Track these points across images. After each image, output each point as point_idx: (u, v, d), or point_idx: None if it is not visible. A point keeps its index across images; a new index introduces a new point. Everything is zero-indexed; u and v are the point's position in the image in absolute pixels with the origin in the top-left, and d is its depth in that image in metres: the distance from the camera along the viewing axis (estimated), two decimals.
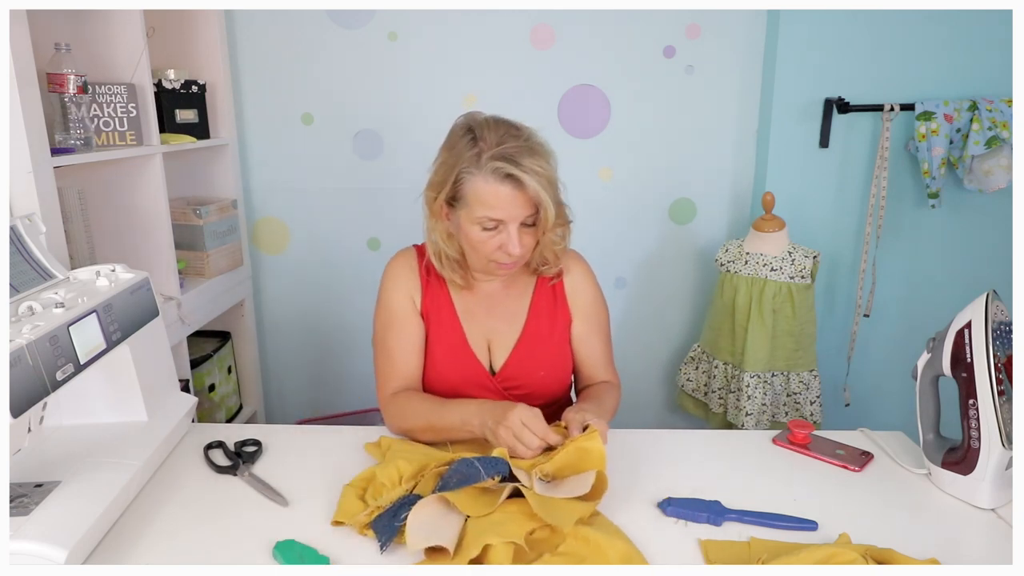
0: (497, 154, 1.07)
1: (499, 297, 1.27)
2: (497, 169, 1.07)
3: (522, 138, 1.11)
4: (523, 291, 1.28)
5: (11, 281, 0.98)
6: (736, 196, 2.12)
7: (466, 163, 1.10)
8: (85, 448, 1.00)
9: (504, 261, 1.15)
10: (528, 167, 1.07)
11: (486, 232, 1.12)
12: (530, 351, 1.24)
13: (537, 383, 1.24)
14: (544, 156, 1.11)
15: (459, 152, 1.11)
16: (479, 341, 1.24)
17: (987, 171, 1.83)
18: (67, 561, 0.79)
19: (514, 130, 1.12)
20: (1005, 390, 0.92)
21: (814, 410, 1.91)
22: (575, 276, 1.29)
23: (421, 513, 0.86)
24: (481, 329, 1.25)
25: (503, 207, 1.09)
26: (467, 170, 1.10)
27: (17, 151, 1.17)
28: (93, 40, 1.53)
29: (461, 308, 1.25)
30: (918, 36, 1.88)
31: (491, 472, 0.91)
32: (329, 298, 2.21)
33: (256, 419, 2.19)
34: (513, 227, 1.11)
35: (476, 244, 1.14)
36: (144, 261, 1.59)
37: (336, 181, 2.10)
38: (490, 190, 1.08)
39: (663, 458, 1.09)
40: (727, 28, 1.97)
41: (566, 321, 1.28)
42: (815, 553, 0.81)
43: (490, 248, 1.14)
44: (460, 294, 1.26)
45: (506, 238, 1.12)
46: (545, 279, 1.28)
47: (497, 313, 1.26)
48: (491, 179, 1.08)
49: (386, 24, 1.97)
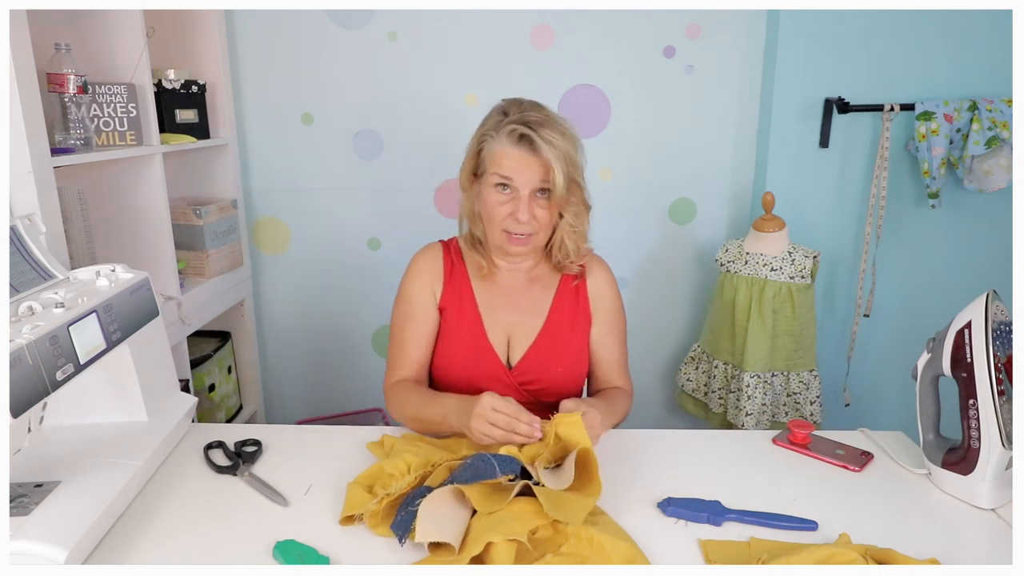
0: (516, 119, 1.14)
1: (522, 291, 1.27)
2: (513, 131, 1.13)
3: (545, 113, 1.16)
4: (546, 287, 1.28)
5: (11, 281, 0.98)
6: (736, 196, 2.12)
7: (489, 129, 1.16)
8: (85, 448, 1.00)
9: (515, 230, 1.17)
10: (544, 135, 1.12)
11: (499, 197, 1.16)
12: (549, 347, 1.24)
13: (553, 379, 1.24)
14: (566, 134, 1.15)
15: (486, 122, 1.19)
16: (498, 334, 1.25)
17: (987, 171, 1.83)
18: (67, 561, 0.79)
19: (540, 107, 1.18)
20: (1005, 390, 0.92)
21: (814, 410, 1.91)
22: (598, 279, 1.30)
23: (433, 504, 0.86)
24: (502, 322, 1.25)
25: (514, 168, 1.14)
26: (488, 135, 1.16)
27: (17, 151, 1.17)
28: (93, 40, 1.52)
29: (482, 300, 1.26)
30: (918, 36, 1.88)
31: (505, 470, 0.91)
32: (329, 298, 2.21)
33: (256, 419, 2.19)
34: (524, 193, 1.15)
35: (490, 210, 1.18)
36: (144, 261, 1.59)
37: (336, 181, 2.10)
38: (504, 151, 1.14)
39: (663, 458, 1.09)
40: (727, 28, 1.97)
41: (586, 322, 1.28)
42: (815, 553, 0.81)
43: (502, 215, 1.17)
44: (482, 286, 1.27)
45: (517, 206, 1.15)
46: (569, 278, 1.28)
47: (519, 307, 1.26)
48: (506, 141, 1.14)
49: (386, 24, 1.97)
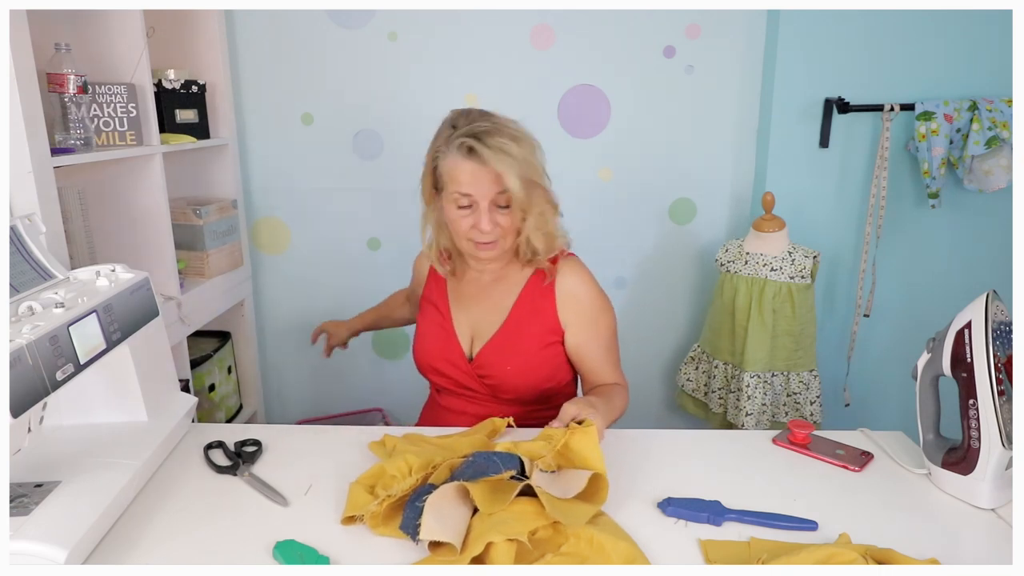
0: (464, 132, 1.14)
1: (489, 289, 1.31)
2: (461, 144, 1.13)
3: (493, 121, 1.16)
4: (513, 286, 1.29)
5: (11, 281, 0.98)
6: (736, 196, 2.12)
7: (440, 144, 1.17)
8: (85, 448, 1.00)
9: (479, 239, 1.19)
10: (492, 144, 1.12)
11: (461, 211, 1.18)
12: (504, 344, 1.26)
13: (505, 376, 1.26)
14: (515, 138, 1.15)
15: (437, 137, 1.19)
16: (464, 328, 1.31)
17: (987, 171, 1.83)
18: (67, 561, 0.79)
19: (489, 116, 1.17)
20: (1005, 390, 0.92)
21: (814, 410, 1.91)
22: (568, 285, 1.26)
23: (438, 501, 0.86)
24: (468, 317, 1.31)
25: (468, 182, 1.15)
26: (440, 151, 1.17)
27: (17, 151, 1.17)
28: (93, 40, 1.52)
29: (453, 296, 1.34)
30: (918, 36, 1.88)
31: (508, 466, 0.91)
32: (329, 298, 2.21)
33: (256, 419, 2.19)
34: (484, 204, 1.16)
35: (454, 224, 1.20)
36: (144, 261, 1.59)
37: (336, 181, 2.10)
38: (456, 166, 1.15)
39: (663, 458, 1.09)
40: (727, 28, 1.97)
41: (548, 330, 1.26)
42: (815, 553, 0.81)
43: (465, 227, 1.19)
44: (455, 283, 1.34)
45: (478, 216, 1.17)
46: (540, 276, 1.27)
47: (484, 304, 1.30)
48: (456, 155, 1.14)
49: (386, 24, 1.97)
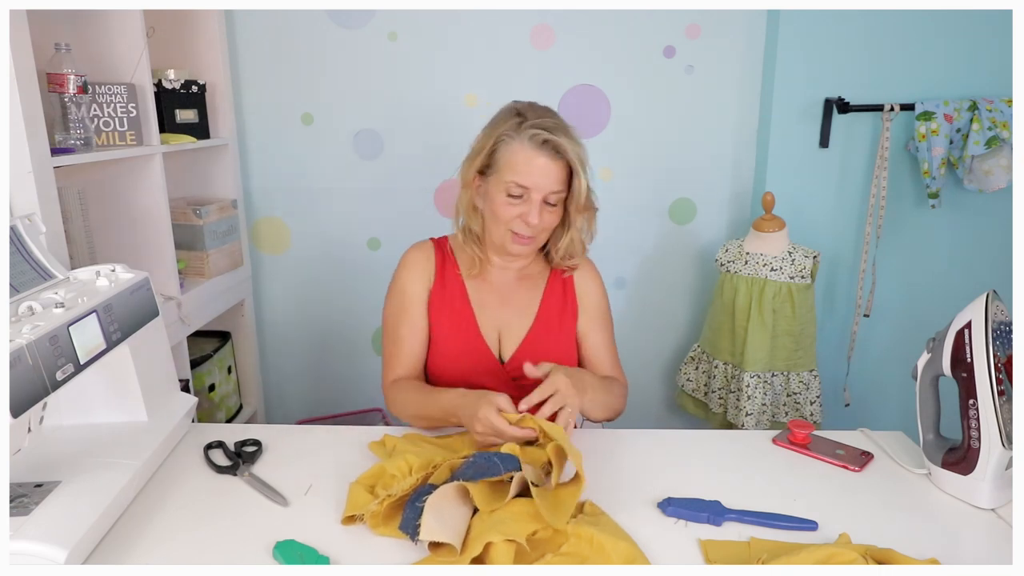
0: (538, 124, 1.13)
1: (512, 288, 1.30)
2: (535, 135, 1.12)
3: (557, 120, 1.17)
4: (536, 283, 1.30)
5: (11, 281, 0.98)
6: (736, 196, 2.12)
7: (506, 129, 1.15)
8: (85, 448, 1.00)
9: (521, 231, 1.18)
10: (566, 142, 1.13)
11: (510, 199, 1.16)
12: (539, 342, 1.26)
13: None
14: (578, 141, 1.17)
15: (500, 123, 1.17)
16: (490, 331, 1.27)
17: (987, 171, 1.83)
18: (67, 561, 0.79)
19: (555, 114, 1.19)
20: (1005, 390, 0.92)
21: (814, 410, 1.91)
22: (584, 273, 1.32)
23: (438, 501, 0.85)
24: (493, 319, 1.28)
25: (533, 175, 1.14)
26: (506, 134, 1.15)
27: (17, 151, 1.17)
28: (93, 40, 1.52)
29: (475, 298, 1.28)
30: (918, 36, 1.88)
31: (508, 467, 0.91)
32: (329, 298, 2.21)
33: (256, 419, 2.19)
34: (537, 197, 1.15)
35: (498, 210, 1.18)
36: (144, 261, 1.59)
37: (336, 181, 2.10)
38: (524, 156, 1.14)
39: (663, 458, 1.09)
40: (727, 28, 1.97)
41: (574, 314, 1.30)
42: (815, 553, 0.81)
43: (510, 215, 1.18)
44: (474, 284, 1.29)
45: (528, 208, 1.16)
46: (558, 272, 1.31)
47: (510, 304, 1.29)
48: (527, 144, 1.13)
49: (386, 24, 1.97)
